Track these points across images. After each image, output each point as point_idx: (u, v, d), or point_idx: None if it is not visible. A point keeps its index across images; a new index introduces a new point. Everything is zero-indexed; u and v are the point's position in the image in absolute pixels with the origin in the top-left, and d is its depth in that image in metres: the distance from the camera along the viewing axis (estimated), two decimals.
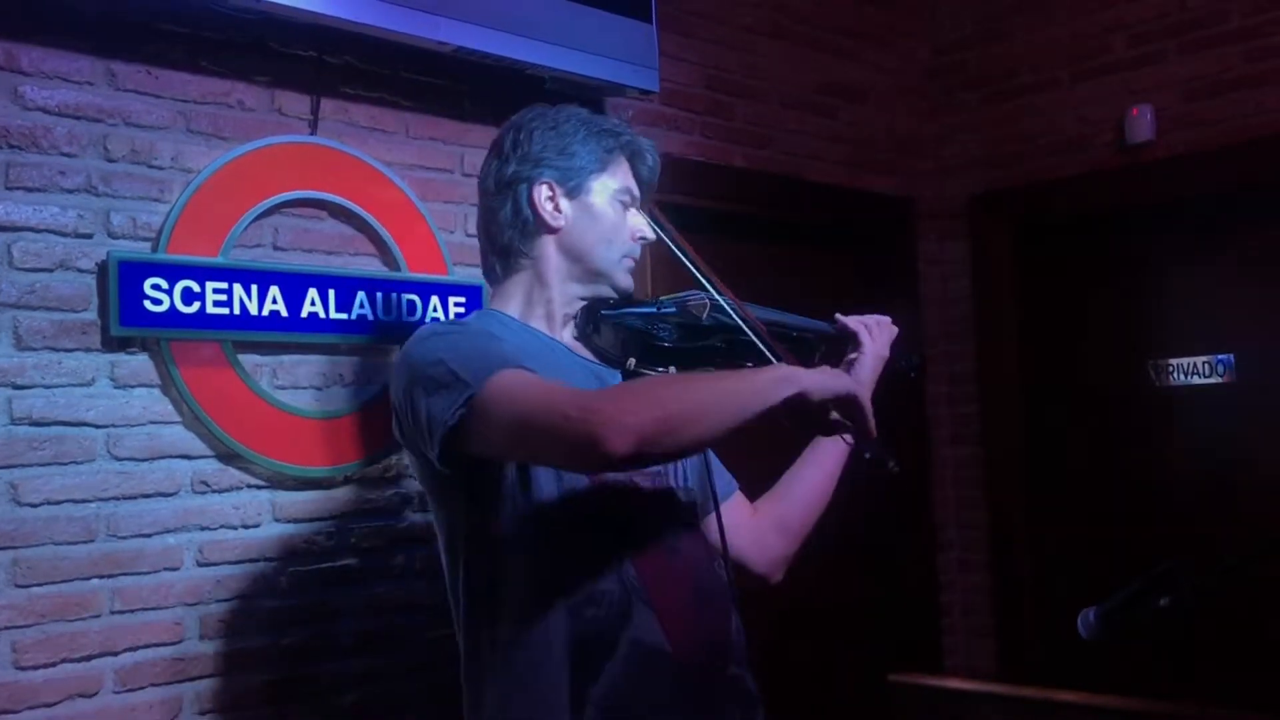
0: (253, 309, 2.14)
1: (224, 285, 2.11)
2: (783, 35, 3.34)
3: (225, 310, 2.11)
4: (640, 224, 1.76)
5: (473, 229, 2.54)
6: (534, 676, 1.55)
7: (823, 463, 1.92)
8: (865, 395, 1.52)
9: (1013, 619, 3.61)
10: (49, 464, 1.95)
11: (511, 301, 1.73)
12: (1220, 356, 3.30)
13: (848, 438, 1.55)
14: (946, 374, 3.76)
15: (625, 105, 2.87)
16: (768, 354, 1.67)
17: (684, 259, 1.73)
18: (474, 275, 2.36)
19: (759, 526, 1.89)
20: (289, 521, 2.20)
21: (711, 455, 1.85)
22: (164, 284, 2.04)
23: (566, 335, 1.73)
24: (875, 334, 1.91)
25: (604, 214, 1.72)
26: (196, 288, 2.07)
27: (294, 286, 2.19)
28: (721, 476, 1.86)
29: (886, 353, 1.91)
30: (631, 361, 1.69)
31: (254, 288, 2.14)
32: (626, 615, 1.56)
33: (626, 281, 1.75)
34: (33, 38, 1.97)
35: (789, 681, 3.30)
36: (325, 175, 2.27)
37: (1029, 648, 3.57)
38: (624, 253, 1.74)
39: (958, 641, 3.71)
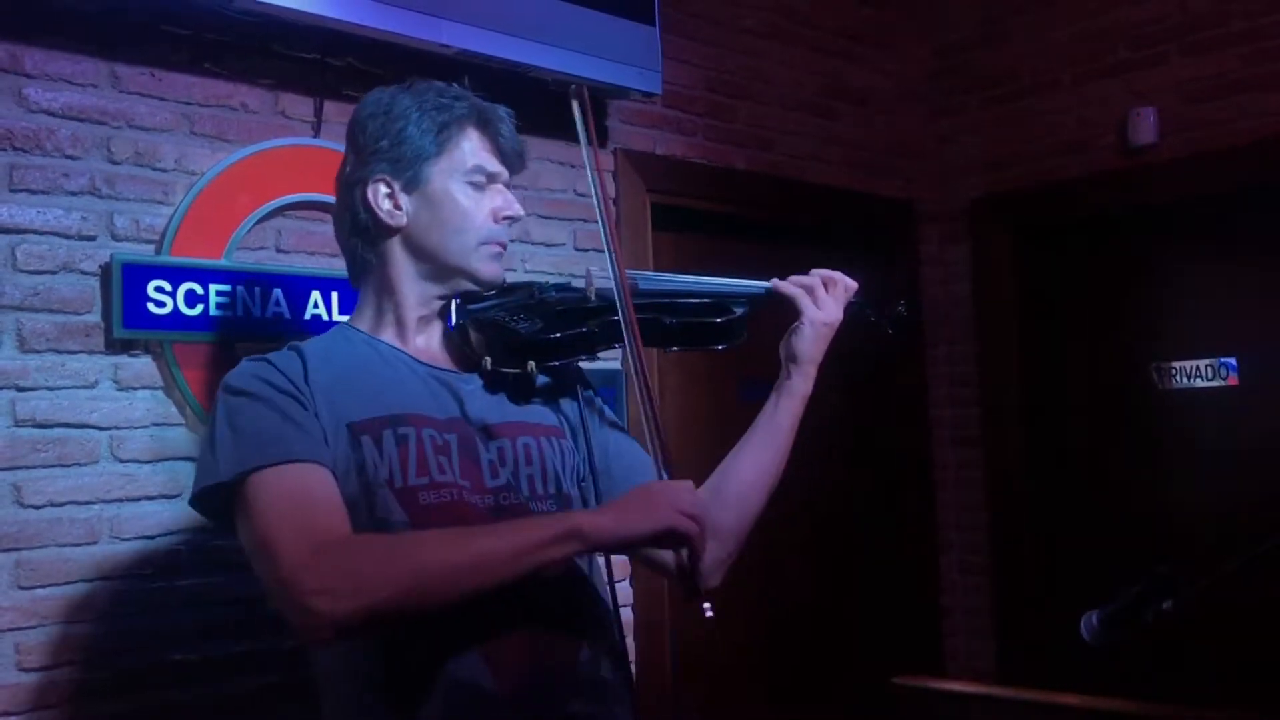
0: (256, 311, 2.14)
1: (227, 287, 2.11)
2: (784, 38, 3.34)
3: (229, 312, 2.11)
4: (501, 202, 1.58)
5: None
6: (353, 713, 1.44)
7: (760, 455, 1.67)
8: (681, 522, 1.36)
9: (1014, 621, 3.61)
10: (52, 466, 1.95)
11: (363, 313, 1.60)
12: (1223, 359, 3.30)
13: (679, 558, 1.42)
14: (948, 376, 3.76)
15: (627, 107, 2.87)
16: (627, 339, 1.52)
17: (599, 215, 1.58)
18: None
19: None
20: None
21: (629, 449, 1.67)
22: (167, 286, 2.04)
23: (426, 340, 1.59)
24: (819, 297, 1.69)
25: (449, 201, 1.54)
26: (200, 290, 2.08)
27: (297, 289, 2.19)
28: (646, 472, 1.59)
29: (838, 315, 1.69)
30: (487, 361, 1.54)
31: (257, 290, 2.15)
32: (447, 650, 1.40)
33: (490, 271, 1.58)
34: (37, 40, 1.98)
35: (790, 683, 3.31)
36: (328, 178, 2.25)
37: (1030, 650, 3.56)
38: (482, 239, 1.56)
39: (959, 644, 3.71)
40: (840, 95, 3.50)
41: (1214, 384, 3.31)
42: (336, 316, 2.23)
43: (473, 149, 1.57)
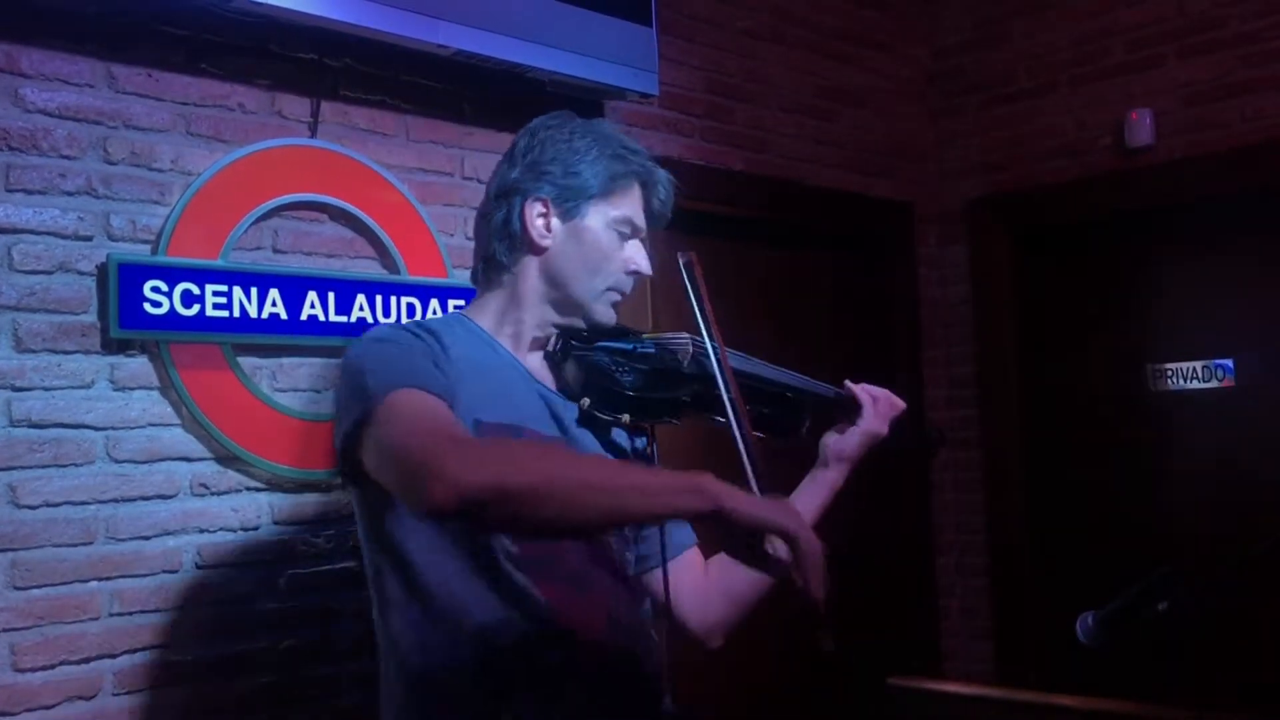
0: (252, 311, 2.14)
1: (224, 288, 2.11)
2: (782, 39, 3.34)
3: (225, 313, 2.11)
4: (637, 256, 1.65)
5: (473, 232, 2.54)
6: (442, 700, 1.49)
7: None
8: (813, 541, 1.31)
9: (1011, 622, 3.61)
10: (48, 466, 1.95)
11: (485, 313, 1.65)
12: (1219, 361, 3.30)
13: (786, 581, 1.33)
14: (945, 377, 3.76)
15: (624, 108, 2.87)
16: (732, 417, 1.52)
17: (694, 301, 1.59)
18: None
19: (707, 590, 1.75)
20: (288, 524, 2.20)
21: None
22: (164, 286, 2.04)
23: (533, 360, 1.65)
24: (878, 409, 1.81)
25: (595, 241, 1.62)
26: (196, 290, 2.08)
27: (294, 289, 2.19)
28: (680, 527, 1.71)
29: (885, 431, 1.81)
30: (586, 401, 1.60)
31: (254, 290, 2.14)
32: (544, 641, 1.48)
33: (605, 316, 1.66)
34: (33, 40, 1.98)
35: (788, 684, 3.30)
36: (325, 178, 2.28)
37: (1028, 651, 3.57)
38: (609, 285, 1.64)
39: (956, 645, 3.71)
40: (838, 97, 3.50)
41: (1210, 385, 3.31)
42: (333, 317, 2.23)
43: (632, 203, 1.65)
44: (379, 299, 2.29)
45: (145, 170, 2.08)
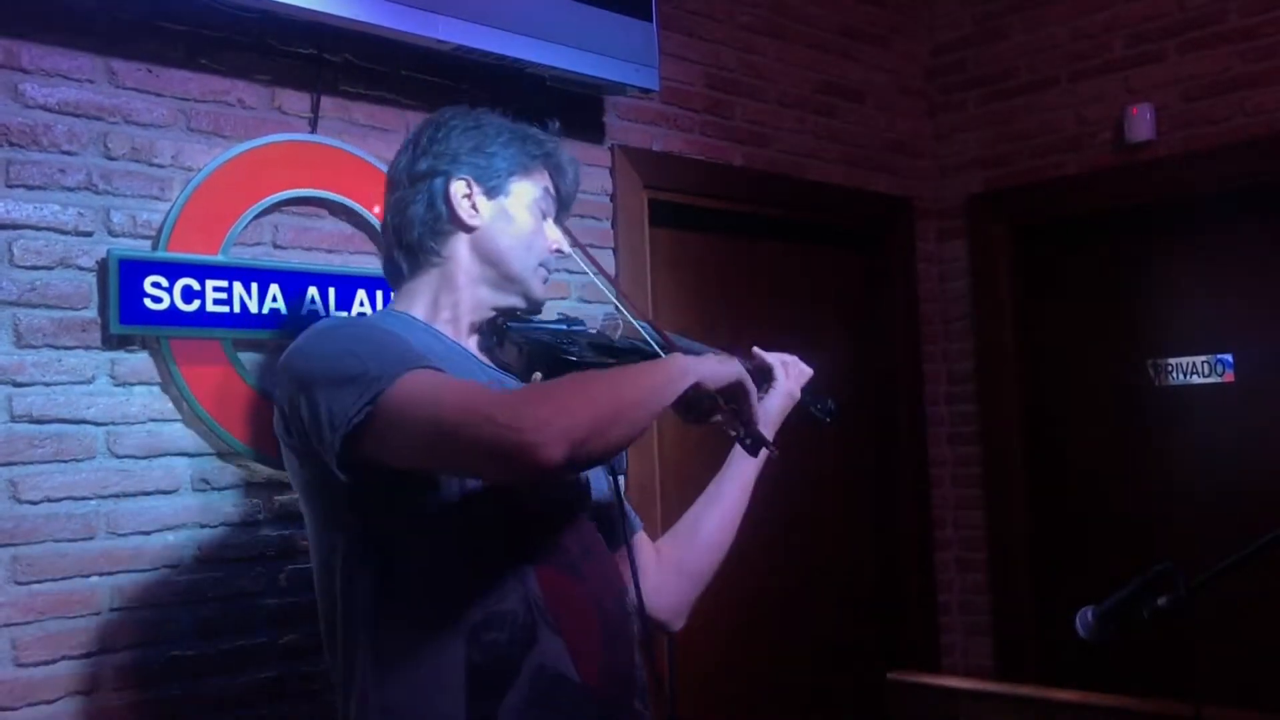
0: (253, 307, 2.14)
1: (224, 283, 2.11)
2: (782, 35, 3.34)
3: (225, 308, 2.11)
4: (557, 237, 1.68)
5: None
6: (426, 705, 1.43)
7: (724, 506, 1.81)
8: (750, 381, 1.50)
9: (1010, 618, 3.61)
10: (49, 461, 1.95)
11: (417, 302, 1.62)
12: (1220, 356, 3.30)
13: (731, 430, 1.55)
14: (945, 373, 3.77)
15: (624, 104, 2.87)
16: (632, 319, 1.62)
17: (600, 282, 1.69)
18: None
19: (660, 570, 1.76)
20: (289, 519, 2.20)
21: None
22: (164, 282, 2.04)
23: (472, 344, 1.64)
24: (789, 372, 1.85)
25: (522, 218, 1.64)
26: (196, 286, 2.08)
27: (294, 285, 2.19)
28: (627, 513, 1.74)
29: (797, 393, 1.84)
30: (537, 376, 1.59)
31: (254, 286, 2.15)
32: (531, 639, 1.45)
33: (541, 291, 1.67)
34: (33, 35, 1.98)
35: (787, 680, 3.31)
36: (325, 173, 2.28)
37: (1026, 646, 3.57)
38: (540, 261, 1.65)
39: (955, 640, 3.71)
40: (838, 92, 3.50)
41: (1210, 380, 3.32)
42: (334, 312, 2.23)
43: (546, 184, 1.68)
44: (379, 294, 2.29)
45: (145, 166, 2.08)
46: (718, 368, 1.47)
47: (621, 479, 1.67)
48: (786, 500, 3.34)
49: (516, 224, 1.63)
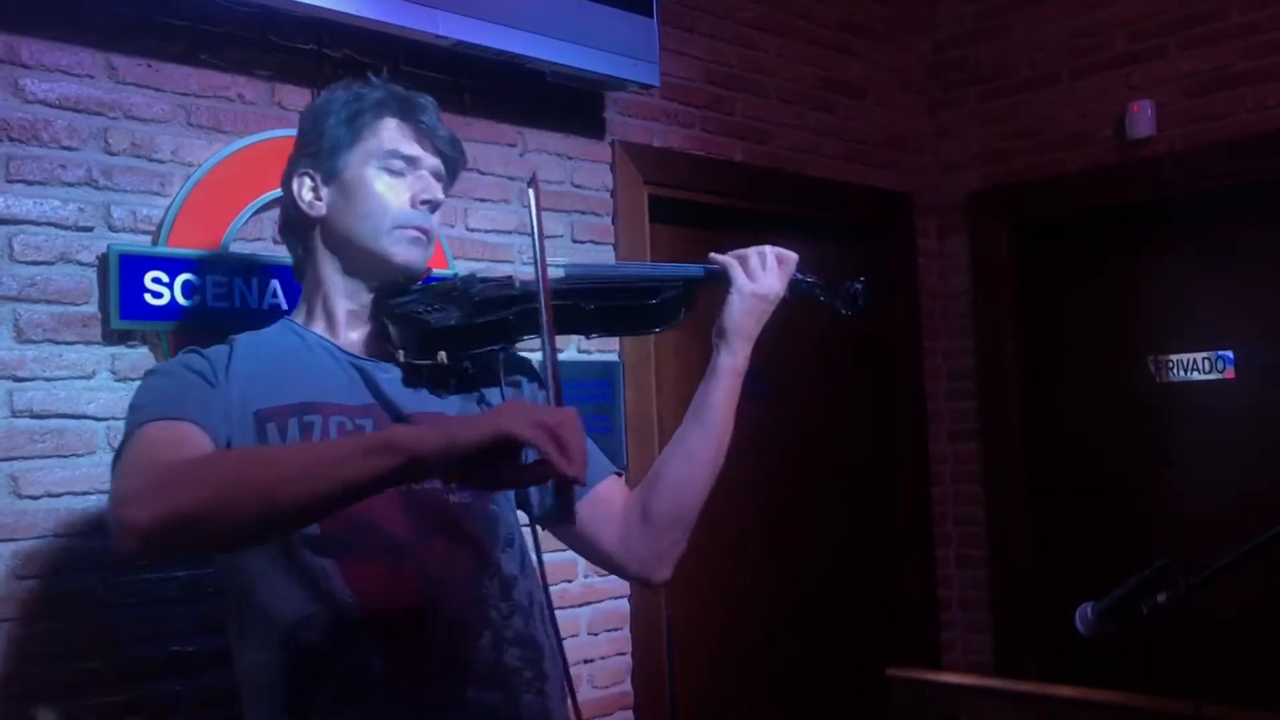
0: (253, 302, 2.14)
1: (224, 278, 2.11)
2: (783, 30, 3.34)
3: (226, 303, 2.11)
4: (424, 187, 1.57)
5: (474, 223, 2.55)
6: (260, 706, 1.44)
7: (693, 438, 1.60)
8: (521, 429, 1.17)
9: (1010, 614, 3.61)
10: (49, 456, 1.95)
11: (300, 308, 1.63)
12: (1220, 352, 3.30)
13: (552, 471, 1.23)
14: (945, 369, 3.77)
15: (625, 99, 2.87)
16: (544, 324, 1.42)
17: (531, 214, 1.48)
18: (475, 269, 2.36)
19: (625, 519, 1.62)
20: None
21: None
22: (164, 277, 2.04)
23: (359, 335, 1.59)
24: (751, 267, 1.61)
25: (364, 187, 1.55)
26: (197, 281, 2.08)
27: (294, 280, 2.19)
28: (594, 456, 1.54)
29: (775, 288, 1.61)
30: (400, 354, 1.54)
31: (254, 281, 2.14)
32: (342, 638, 1.40)
33: (406, 255, 1.56)
34: (33, 30, 1.97)
35: (787, 676, 3.31)
36: None
37: (1026, 643, 3.58)
38: (397, 223, 1.55)
39: (955, 636, 3.72)
40: (838, 88, 3.50)
41: (1211, 377, 3.32)
42: None
43: (390, 136, 1.58)
44: None
45: (146, 161, 2.08)
46: (458, 433, 1.18)
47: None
48: (787, 497, 3.35)
49: (356, 197, 1.55)
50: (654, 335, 1.70)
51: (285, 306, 2.17)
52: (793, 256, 1.65)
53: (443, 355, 1.53)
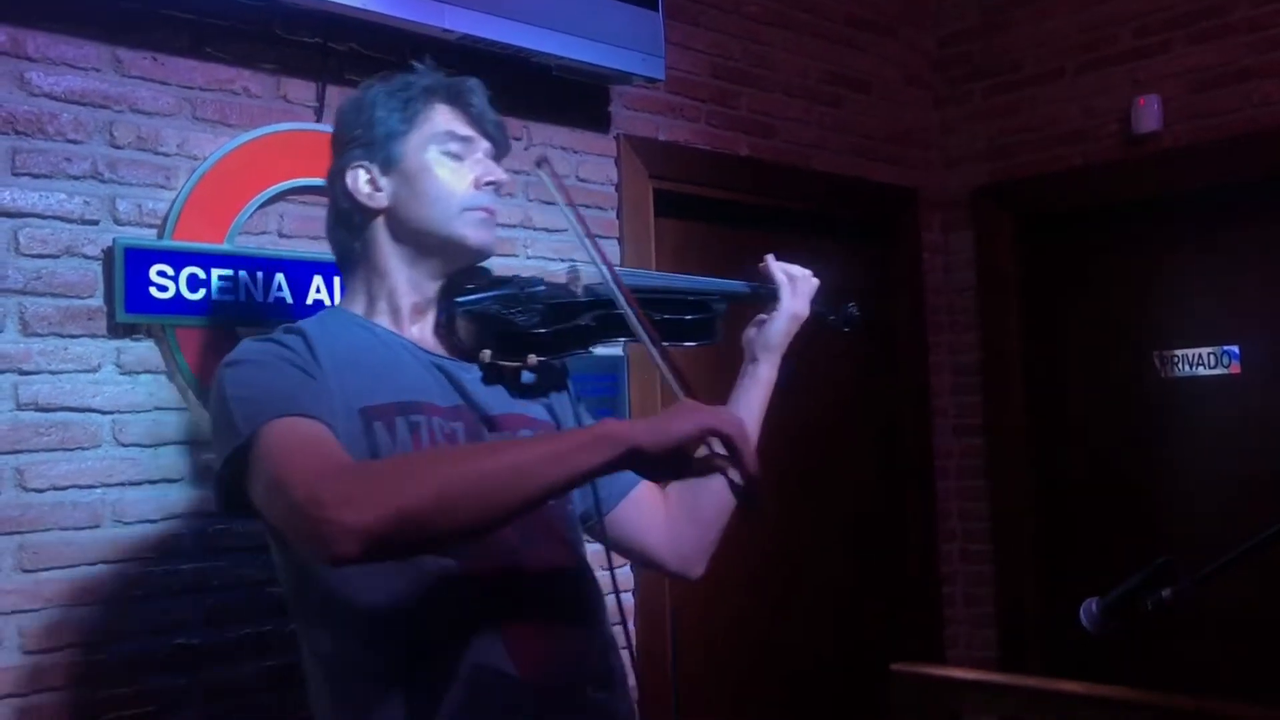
0: (258, 296, 2.14)
1: (229, 272, 2.11)
2: (788, 25, 3.34)
3: (231, 297, 2.11)
4: (486, 169, 1.56)
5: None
6: (367, 710, 1.39)
7: None
8: (731, 424, 1.30)
9: (1015, 609, 3.61)
10: (55, 449, 1.95)
11: (356, 300, 1.58)
12: (1226, 347, 3.30)
13: (730, 474, 1.33)
14: (950, 364, 3.76)
15: (630, 93, 2.87)
16: (639, 328, 1.46)
17: (566, 214, 1.53)
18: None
19: (671, 518, 1.68)
20: None
21: None
22: (170, 271, 2.04)
23: (420, 330, 1.57)
24: (797, 289, 1.72)
25: (427, 173, 1.53)
26: (202, 275, 2.08)
27: (299, 274, 2.19)
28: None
29: (805, 310, 1.72)
30: (486, 353, 1.52)
31: (259, 275, 2.15)
32: (465, 638, 1.39)
33: (479, 237, 1.55)
34: (39, 24, 1.98)
35: (790, 671, 3.31)
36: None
37: (1031, 638, 3.58)
38: (465, 205, 1.53)
39: (960, 631, 3.72)
40: (844, 83, 3.49)
41: (1216, 372, 3.31)
42: (339, 301, 2.23)
43: (444, 119, 1.57)
44: None
45: (151, 154, 2.08)
46: (664, 426, 1.27)
47: None
48: (790, 492, 3.34)
49: (421, 183, 1.53)
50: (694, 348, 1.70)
51: (290, 301, 2.17)
52: (816, 283, 1.76)
53: (533, 358, 1.53)
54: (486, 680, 1.38)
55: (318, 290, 2.21)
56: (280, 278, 2.17)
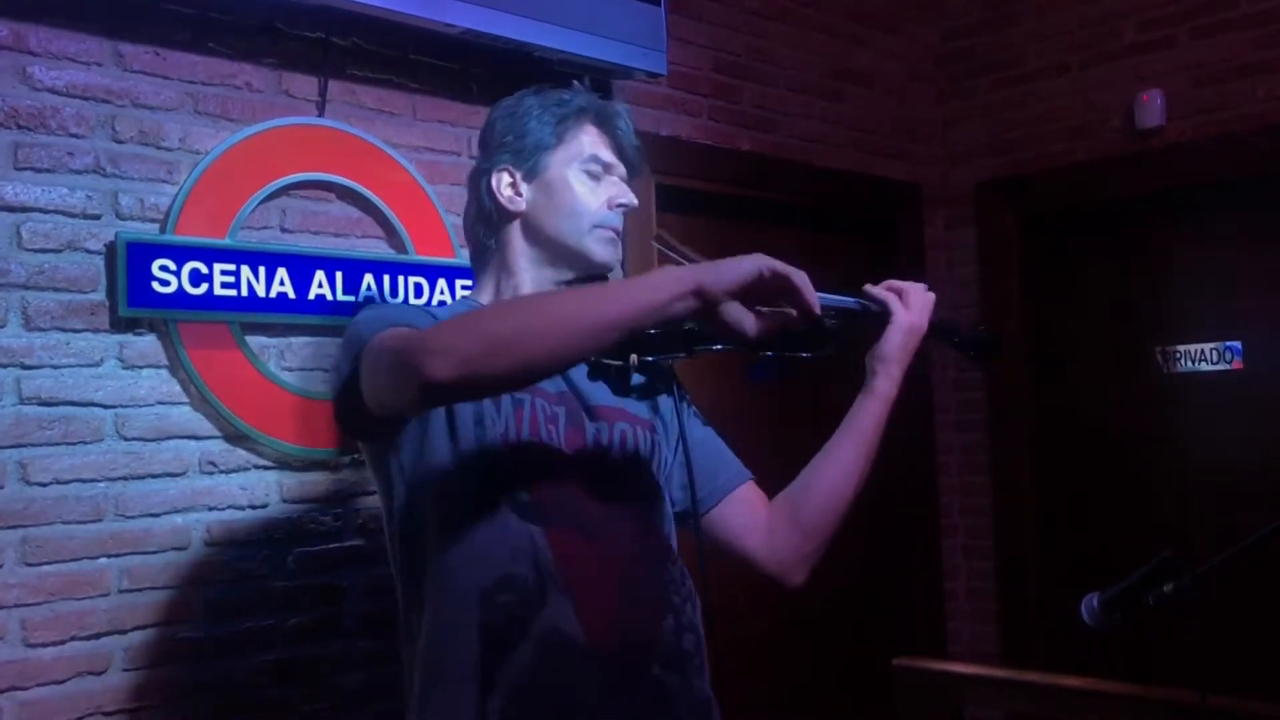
0: (260, 290, 2.14)
1: (231, 267, 2.11)
2: (791, 19, 3.33)
3: (233, 292, 2.11)
4: (615, 192, 1.65)
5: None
6: (447, 662, 1.48)
7: (845, 455, 1.76)
8: (788, 267, 1.38)
9: (1017, 604, 3.61)
10: (57, 444, 1.96)
11: (484, 291, 1.67)
12: (1228, 343, 3.29)
13: (790, 314, 1.40)
14: (952, 359, 3.76)
15: (632, 88, 2.87)
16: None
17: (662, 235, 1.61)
18: None
19: (772, 523, 1.74)
20: (295, 502, 2.21)
21: (714, 446, 1.74)
22: (172, 265, 2.04)
23: None
24: (908, 301, 1.73)
25: (566, 188, 1.63)
26: (204, 269, 2.08)
27: (301, 268, 2.20)
28: (728, 467, 1.74)
29: (924, 323, 1.72)
30: (633, 358, 1.57)
31: (261, 269, 2.15)
32: (540, 601, 1.47)
33: (605, 254, 1.64)
34: (41, 18, 1.98)
35: (793, 666, 3.32)
36: (332, 157, 2.28)
37: (1033, 633, 3.58)
38: (595, 223, 1.62)
39: (962, 626, 3.72)
40: (847, 77, 3.49)
41: (1219, 368, 3.31)
42: (340, 296, 2.23)
43: (590, 141, 1.66)
44: (386, 278, 2.30)
45: (153, 149, 2.08)
46: (730, 266, 1.35)
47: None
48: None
49: (559, 196, 1.63)
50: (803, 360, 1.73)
51: (292, 295, 2.18)
52: (932, 297, 1.76)
53: (634, 357, 1.58)
54: (555, 642, 1.46)
55: (319, 285, 2.22)
56: (282, 272, 2.17)
